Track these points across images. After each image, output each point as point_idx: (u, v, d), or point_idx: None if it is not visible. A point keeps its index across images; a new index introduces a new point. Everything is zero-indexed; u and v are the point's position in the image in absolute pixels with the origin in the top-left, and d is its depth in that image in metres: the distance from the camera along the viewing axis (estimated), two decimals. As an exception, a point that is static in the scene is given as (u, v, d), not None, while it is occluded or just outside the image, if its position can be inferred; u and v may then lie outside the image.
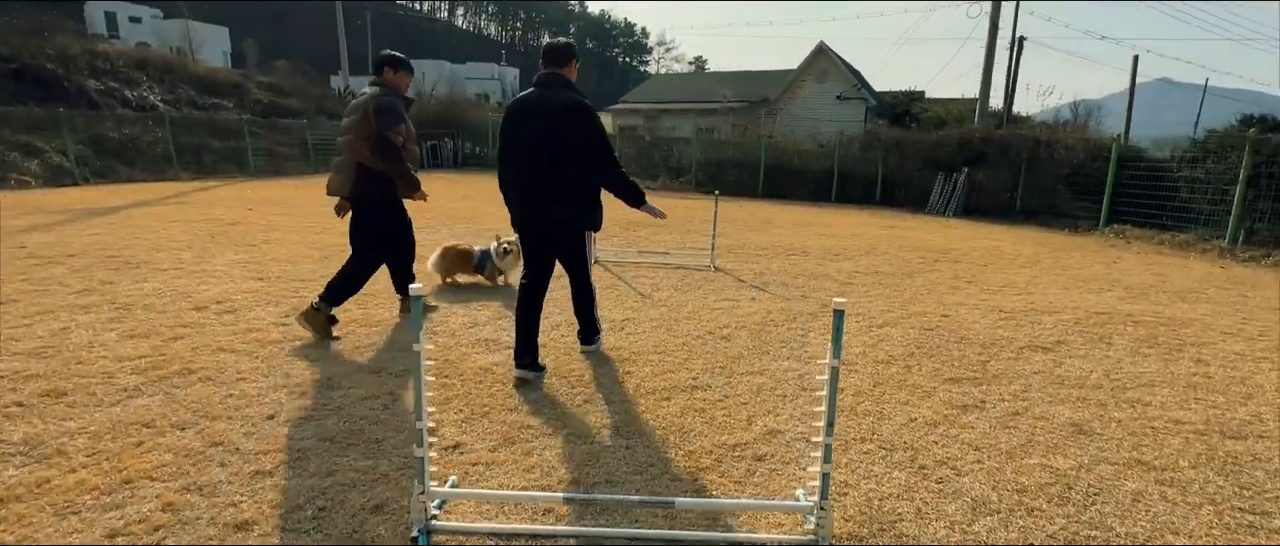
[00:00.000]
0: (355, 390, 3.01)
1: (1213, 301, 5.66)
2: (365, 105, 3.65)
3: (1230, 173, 8.59)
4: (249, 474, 2.25)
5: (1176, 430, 2.90)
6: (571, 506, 2.14)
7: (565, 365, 3.46)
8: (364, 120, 3.63)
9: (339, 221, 4.13)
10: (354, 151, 3.70)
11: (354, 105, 3.78)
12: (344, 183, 3.77)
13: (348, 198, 3.84)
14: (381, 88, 3.75)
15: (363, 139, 3.65)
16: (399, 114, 3.67)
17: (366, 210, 3.86)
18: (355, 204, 3.86)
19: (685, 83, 27.82)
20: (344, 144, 3.78)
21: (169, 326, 3.80)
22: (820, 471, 1.91)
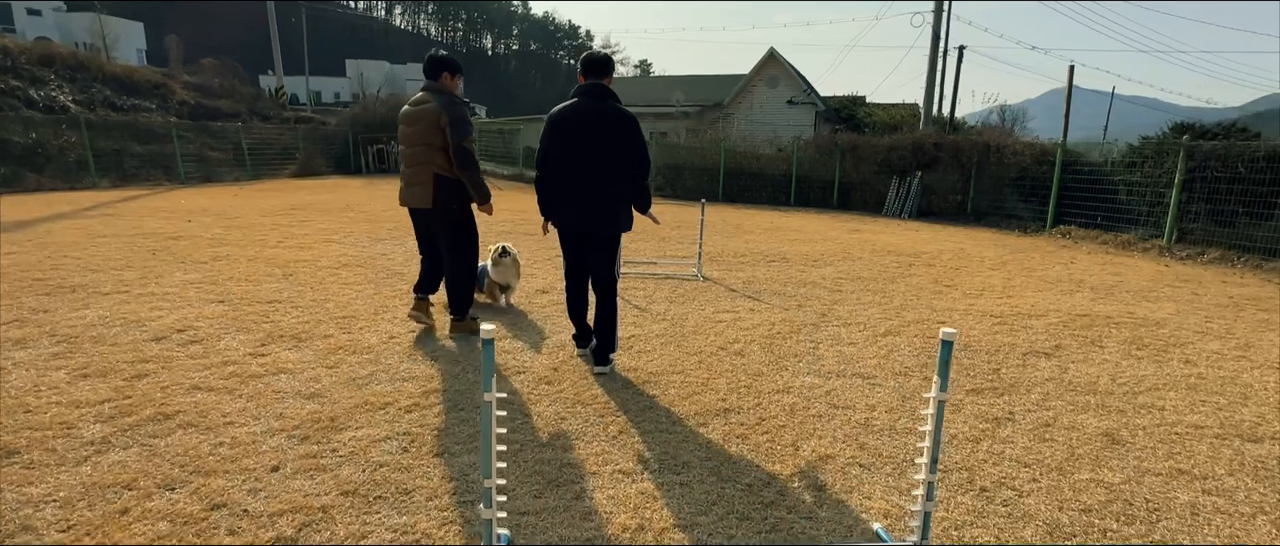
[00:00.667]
0: (365, 430, 2.71)
1: (1172, 300, 5.98)
2: (434, 117, 3.67)
3: (1166, 177, 9.20)
4: (267, 542, 1.96)
5: (1198, 435, 2.98)
6: (643, 557, 1.96)
7: (586, 391, 3.26)
8: (435, 131, 3.67)
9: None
10: (430, 162, 3.73)
11: (415, 114, 3.77)
12: (423, 193, 3.79)
13: (428, 208, 3.83)
14: (441, 94, 3.75)
15: (439, 149, 3.70)
16: (469, 122, 3.75)
17: (450, 218, 3.89)
18: (437, 214, 3.87)
19: (638, 86, 27.77)
20: (415, 155, 3.79)
21: (127, 362, 3.36)
22: (921, 509, 1.81)
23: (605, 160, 3.29)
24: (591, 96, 3.33)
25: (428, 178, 3.74)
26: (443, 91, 3.77)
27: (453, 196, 3.79)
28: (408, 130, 3.81)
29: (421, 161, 3.74)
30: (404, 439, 2.65)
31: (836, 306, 5.26)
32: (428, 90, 3.80)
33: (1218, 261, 8.25)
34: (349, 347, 3.76)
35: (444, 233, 3.91)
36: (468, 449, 2.59)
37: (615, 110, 3.33)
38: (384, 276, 5.71)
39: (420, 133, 3.72)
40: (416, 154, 3.76)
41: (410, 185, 3.84)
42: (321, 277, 5.55)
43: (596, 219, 3.36)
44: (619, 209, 3.40)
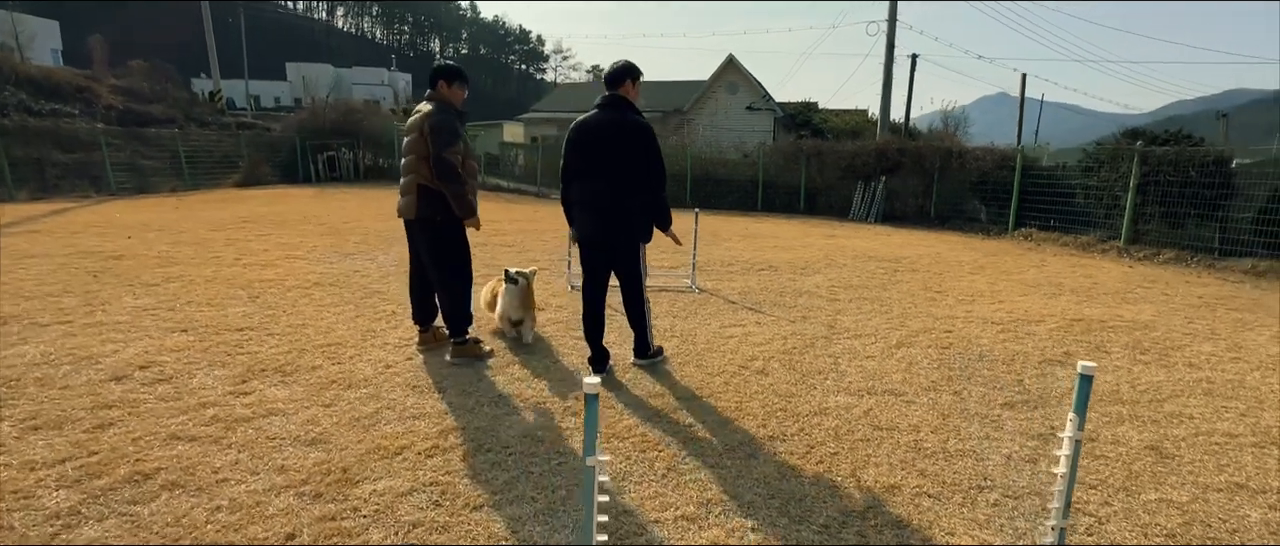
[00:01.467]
0: (385, 482, 2.40)
1: (1148, 302, 6.19)
2: (421, 124, 3.52)
3: (1122, 181, 9.62)
4: (301, 634, 1.65)
5: (1236, 445, 2.98)
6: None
7: (618, 422, 3.02)
8: (421, 139, 3.51)
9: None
10: (417, 172, 3.56)
11: (411, 124, 3.63)
12: (409, 204, 3.62)
13: (414, 220, 3.66)
14: (436, 103, 3.59)
15: (423, 159, 3.52)
16: (455, 131, 3.52)
17: (432, 230, 3.66)
18: (418, 225, 3.67)
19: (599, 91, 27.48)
20: (406, 165, 3.64)
21: (86, 408, 2.92)
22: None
23: (617, 170, 3.36)
24: (608, 108, 3.44)
25: (413, 188, 3.59)
26: (436, 99, 3.61)
27: (437, 208, 3.57)
28: (405, 139, 3.68)
29: (410, 171, 3.61)
30: (433, 490, 2.36)
31: (840, 317, 5.18)
32: (426, 99, 3.65)
33: (1173, 261, 8.65)
34: (343, 381, 3.40)
35: (425, 245, 3.71)
36: (508, 498, 2.32)
37: (629, 121, 3.39)
38: (362, 296, 5.30)
39: (411, 142, 3.59)
40: (407, 164, 3.63)
41: (401, 196, 3.69)
42: (293, 299, 5.10)
43: (610, 229, 3.44)
44: (633, 220, 3.46)
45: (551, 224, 10.84)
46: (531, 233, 9.68)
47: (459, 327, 3.77)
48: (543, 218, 12.05)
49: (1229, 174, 9.15)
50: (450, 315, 3.77)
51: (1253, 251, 8.51)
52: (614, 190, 3.37)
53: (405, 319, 4.61)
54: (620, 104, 3.42)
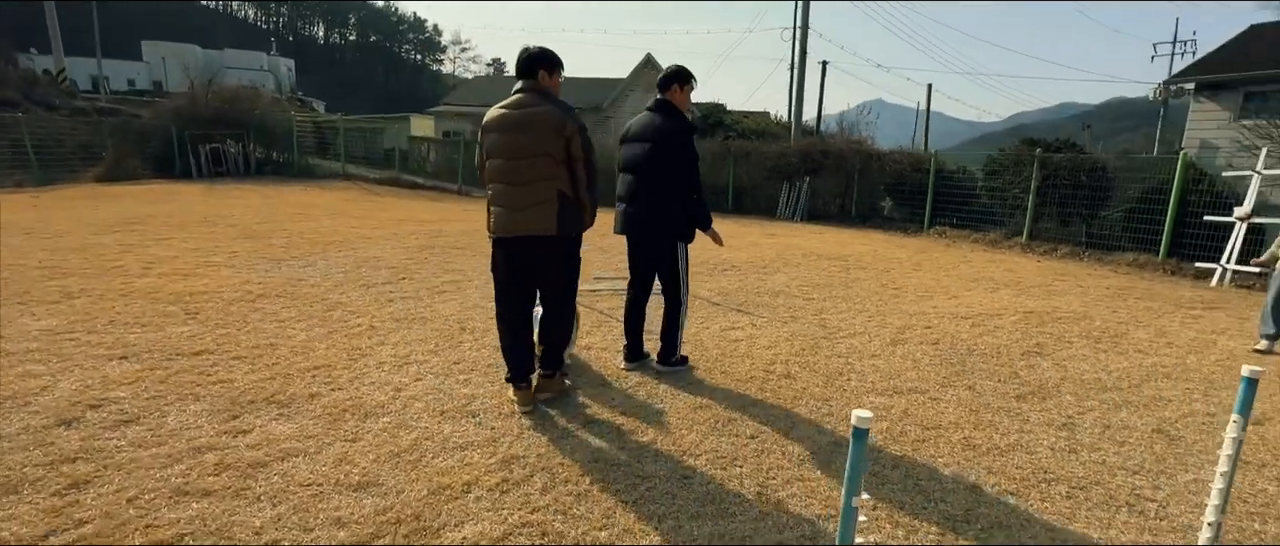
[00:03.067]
0: (469, 526, 2.12)
1: (1071, 293, 6.90)
2: (556, 124, 2.95)
3: (1023, 183, 10.69)
4: None
5: (1218, 423, 3.35)
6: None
7: (682, 438, 2.88)
8: (557, 140, 2.95)
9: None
10: (555, 179, 2.97)
11: (524, 118, 2.96)
12: (543, 216, 2.97)
13: (551, 235, 2.99)
14: (549, 97, 3.03)
15: (563, 163, 2.99)
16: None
17: (570, 250, 3.16)
18: (556, 244, 3.04)
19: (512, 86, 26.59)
20: (531, 170, 2.96)
21: (40, 464, 2.35)
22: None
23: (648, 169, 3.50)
24: (653, 110, 3.63)
25: (551, 196, 2.95)
26: (549, 94, 3.05)
27: (574, 222, 3.07)
28: (513, 138, 2.97)
29: (543, 177, 2.95)
30: (529, 533, 2.11)
31: (826, 316, 5.32)
32: (529, 91, 3.02)
33: (1069, 256, 9.74)
34: (354, 410, 2.99)
35: (559, 266, 3.12)
36: (616, 534, 2.12)
37: (664, 121, 3.54)
38: (323, 309, 4.73)
39: (536, 141, 2.93)
40: (534, 168, 2.95)
41: (522, 207, 2.96)
42: (243, 314, 4.46)
43: (641, 226, 3.58)
44: (662, 218, 3.53)
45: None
46: (478, 234, 9.17)
47: (560, 361, 3.28)
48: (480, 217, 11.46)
49: (1108, 177, 10.45)
50: (559, 348, 3.24)
51: (1121, 245, 9.78)
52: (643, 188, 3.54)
53: (389, 334, 4.18)
54: (665, 107, 3.59)
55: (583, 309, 5.12)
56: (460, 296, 5.33)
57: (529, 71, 3.03)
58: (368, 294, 5.25)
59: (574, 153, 2.98)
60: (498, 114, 3.01)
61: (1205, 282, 7.93)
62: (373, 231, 8.74)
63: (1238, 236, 7.80)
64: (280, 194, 13.56)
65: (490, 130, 3.02)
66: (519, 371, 3.11)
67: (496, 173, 3.01)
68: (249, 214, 9.93)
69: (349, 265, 6.36)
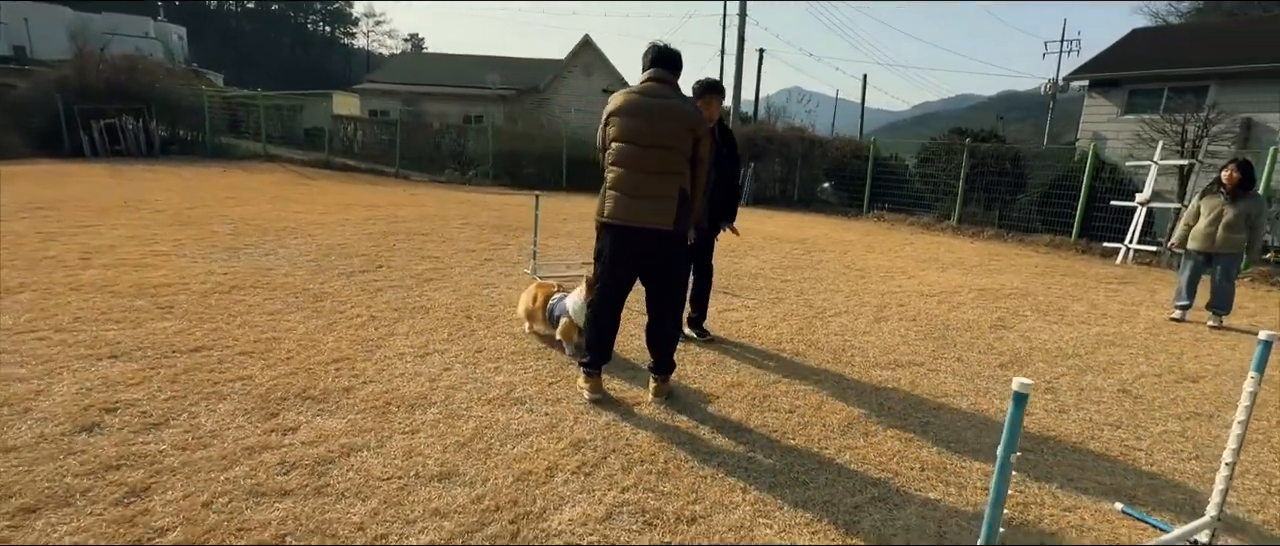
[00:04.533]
0: (569, 509, 2.15)
1: (1008, 271, 7.60)
2: (690, 122, 2.88)
3: (954, 171, 11.56)
4: None
5: (1166, 382, 3.88)
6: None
7: (748, 419, 3.01)
8: (688, 137, 2.87)
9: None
10: (680, 174, 2.89)
11: (662, 109, 2.87)
12: (664, 210, 2.86)
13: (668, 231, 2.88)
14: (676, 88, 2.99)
15: (690, 160, 2.91)
16: None
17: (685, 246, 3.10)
18: (674, 240, 2.95)
19: (446, 65, 25.59)
20: (661, 162, 2.86)
21: (82, 473, 2.16)
22: (1223, 487, 2.08)
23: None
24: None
25: (675, 192, 2.87)
26: (678, 89, 3.03)
27: (688, 221, 2.99)
28: (649, 126, 2.86)
29: (670, 170, 2.86)
30: (630, 511, 2.18)
31: (808, 297, 5.61)
32: (664, 82, 2.95)
33: (994, 237, 10.66)
34: (396, 401, 2.92)
35: (680, 263, 3.10)
36: (711, 508, 2.23)
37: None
38: (309, 300, 4.49)
39: (670, 133, 2.85)
40: (664, 160, 2.86)
41: (645, 198, 2.85)
42: (225, 307, 4.17)
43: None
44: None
45: (463, 210, 10.02)
46: (437, 219, 8.86)
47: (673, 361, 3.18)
48: (443, 203, 11.07)
49: (1025, 166, 11.48)
50: (669, 348, 3.13)
51: (1036, 228, 10.83)
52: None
53: (394, 325, 4.06)
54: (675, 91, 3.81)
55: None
56: (450, 284, 5.20)
57: (671, 64, 2.97)
58: (351, 283, 5.01)
59: (701, 155, 2.93)
60: (632, 98, 2.90)
61: (1112, 260, 8.95)
62: (323, 217, 8.26)
63: (1139, 219, 8.83)
64: (199, 176, 12.47)
65: (623, 114, 2.89)
66: (599, 359, 3.07)
67: (624, 158, 2.87)
68: (173, 198, 9.10)
69: (314, 253, 6.02)
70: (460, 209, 10.25)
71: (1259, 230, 5.34)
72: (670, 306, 3.06)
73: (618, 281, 3.01)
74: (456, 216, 9.28)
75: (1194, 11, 34.45)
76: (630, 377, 3.41)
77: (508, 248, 7.00)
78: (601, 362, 3.08)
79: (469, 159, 16.94)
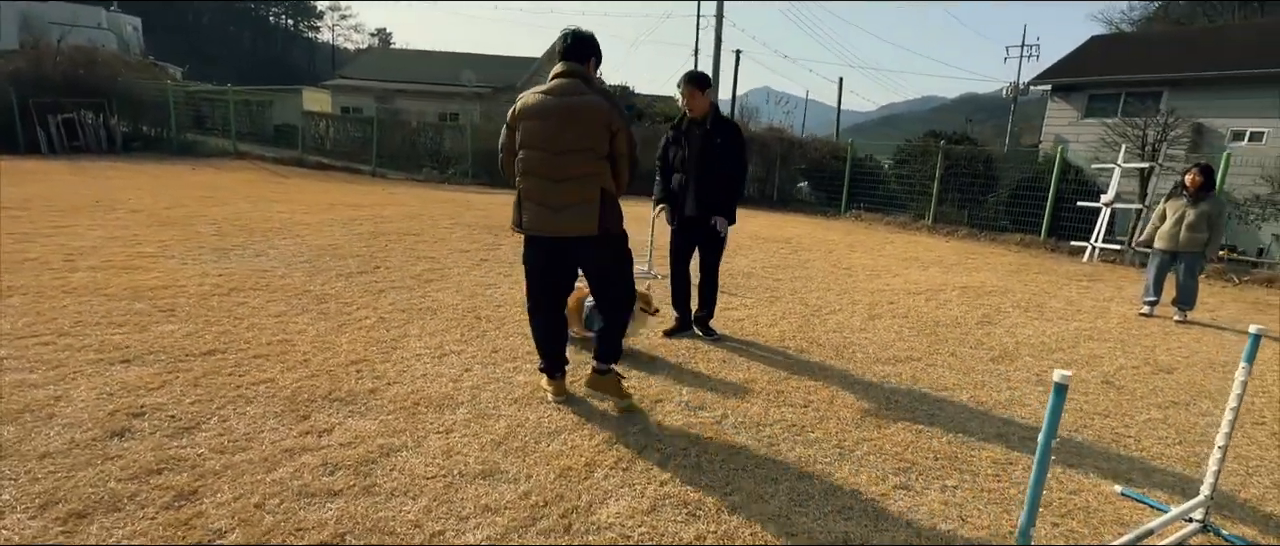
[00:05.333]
0: (614, 503, 2.23)
1: (985, 269, 7.91)
2: (604, 117, 2.71)
3: (929, 172, 11.93)
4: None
5: (1141, 373, 4.14)
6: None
7: (767, 414, 3.12)
8: (603, 134, 2.73)
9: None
10: (598, 175, 2.76)
11: (566, 107, 2.70)
12: (585, 215, 2.74)
13: (593, 235, 2.77)
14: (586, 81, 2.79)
15: (606, 158, 2.78)
16: None
17: (616, 248, 2.92)
18: (601, 242, 2.82)
19: (419, 62, 25.19)
20: (574, 164, 2.72)
21: (125, 478, 2.14)
22: (1216, 467, 2.27)
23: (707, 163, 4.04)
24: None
25: (595, 194, 2.74)
26: (590, 81, 2.81)
27: (617, 219, 2.85)
28: (559, 129, 2.70)
29: (585, 173, 2.72)
30: (673, 503, 2.26)
31: (802, 295, 5.77)
32: (572, 77, 2.76)
33: (967, 236, 11.05)
34: (423, 402, 2.95)
35: (607, 264, 2.93)
36: (751, 498, 2.33)
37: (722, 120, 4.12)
38: (312, 302, 4.46)
39: (583, 135, 2.69)
40: (577, 163, 2.71)
41: (561, 207, 2.73)
42: (228, 309, 4.11)
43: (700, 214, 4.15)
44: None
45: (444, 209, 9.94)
46: (424, 219, 8.79)
47: (616, 355, 3.05)
48: (419, 201, 10.95)
49: (995, 167, 11.92)
50: (616, 344, 3.03)
51: (1006, 227, 11.26)
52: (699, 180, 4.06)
53: (405, 326, 4.07)
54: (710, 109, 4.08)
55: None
56: (452, 285, 5.21)
57: (578, 54, 2.80)
58: (351, 284, 4.98)
59: (619, 150, 2.78)
60: (539, 99, 2.74)
61: (1079, 258, 9.38)
62: (306, 217, 8.12)
63: (1104, 219, 9.28)
64: (169, 174, 12.08)
65: (527, 117, 2.74)
66: (554, 364, 3.06)
67: (532, 165, 2.75)
68: (146, 197, 8.82)
69: (306, 254, 5.94)
70: (445, 209, 10.17)
71: (1219, 230, 5.69)
72: (610, 308, 2.98)
73: (545, 290, 2.96)
74: (443, 216, 9.22)
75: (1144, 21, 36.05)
76: (650, 371, 3.50)
77: (501, 247, 7.00)
78: (556, 366, 3.06)
79: (447, 158, 16.75)
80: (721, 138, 3.98)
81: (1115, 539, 2.19)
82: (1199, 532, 2.32)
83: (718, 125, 4.02)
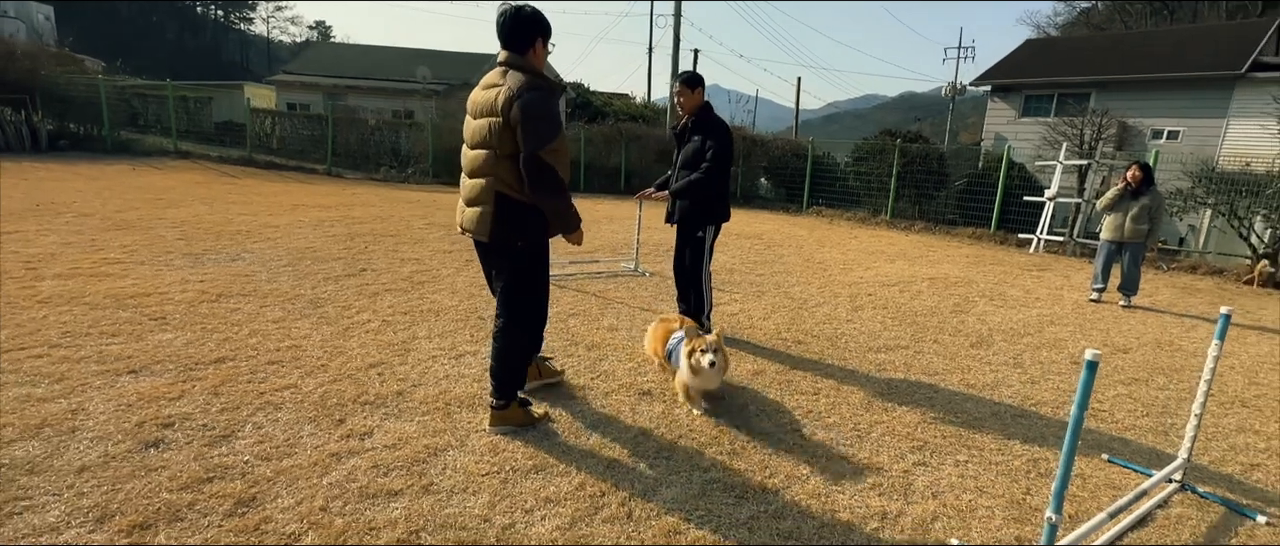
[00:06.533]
0: (666, 489, 2.34)
1: (946, 261, 8.37)
2: (503, 105, 2.39)
3: (887, 169, 12.47)
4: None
5: (1105, 354, 4.53)
6: None
7: (783, 402, 3.28)
8: (504, 128, 2.41)
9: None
10: (493, 174, 2.48)
11: (480, 102, 2.51)
12: (481, 221, 2.53)
13: (485, 242, 2.59)
14: (522, 70, 2.46)
15: (505, 158, 2.45)
16: (557, 120, 2.47)
17: (512, 260, 2.61)
18: (494, 250, 2.62)
19: (371, 57, 24.38)
20: (474, 162, 2.55)
21: (177, 488, 2.11)
22: (1192, 432, 2.56)
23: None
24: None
25: (490, 198, 2.51)
26: (521, 66, 2.49)
27: (519, 229, 2.54)
28: (471, 123, 2.58)
29: (484, 172, 2.52)
30: (720, 485, 2.39)
31: (786, 290, 6.00)
32: (503, 65, 2.52)
33: (923, 230, 11.62)
34: (453, 402, 2.97)
35: (503, 279, 2.67)
36: (793, 478, 2.48)
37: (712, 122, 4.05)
38: (308, 306, 4.37)
39: (481, 129, 2.50)
40: (476, 160, 2.55)
41: (465, 205, 2.62)
42: (222, 315, 3.99)
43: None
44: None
45: (408, 211, 9.74)
46: (396, 220, 8.62)
47: (510, 390, 2.72)
48: (382, 203, 10.69)
49: (947, 165, 12.57)
50: (506, 374, 2.69)
51: (957, 221, 11.91)
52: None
53: (411, 328, 4.07)
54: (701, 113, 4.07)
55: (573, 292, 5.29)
56: (445, 286, 5.18)
57: (506, 40, 2.51)
58: (343, 288, 4.89)
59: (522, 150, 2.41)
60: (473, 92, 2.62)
61: (1026, 249, 10.03)
62: (274, 220, 7.84)
63: (1048, 213, 9.95)
64: (107, 176, 11.37)
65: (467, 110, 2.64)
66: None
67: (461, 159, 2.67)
68: (92, 200, 8.31)
69: (285, 258, 5.77)
70: (413, 209, 9.99)
71: (1158, 221, 6.24)
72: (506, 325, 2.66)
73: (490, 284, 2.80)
74: (414, 217, 9.06)
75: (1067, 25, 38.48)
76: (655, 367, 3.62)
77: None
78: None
79: (407, 156, 16.36)
80: (696, 137, 3.97)
81: (1112, 502, 2.45)
82: (1179, 491, 2.61)
83: (697, 125, 3.99)
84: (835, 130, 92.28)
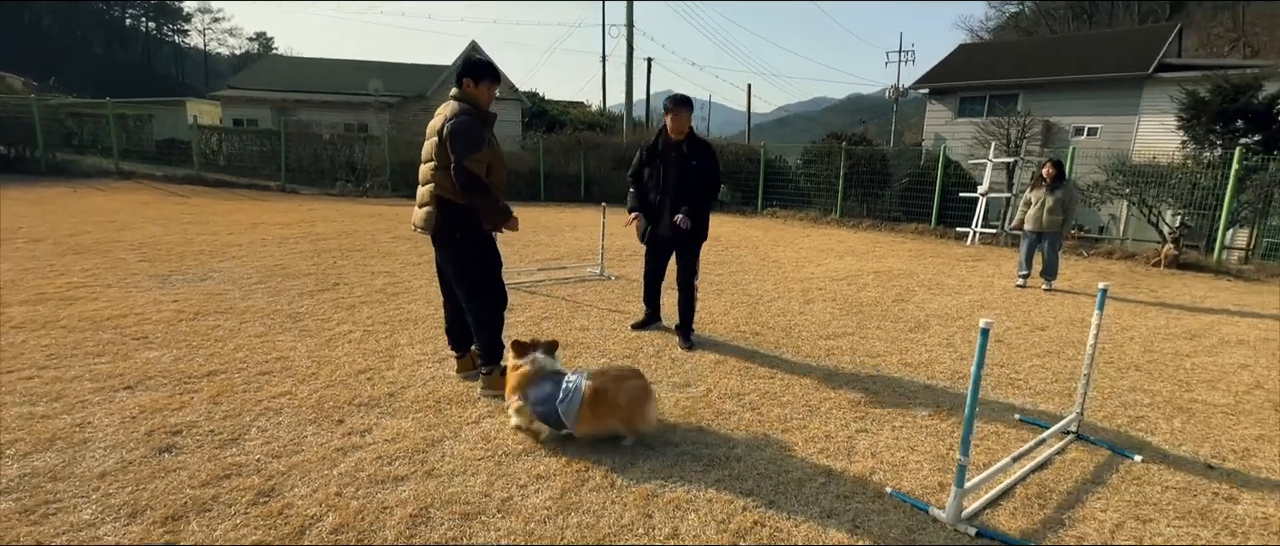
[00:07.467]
0: (677, 484, 2.66)
1: (891, 256, 8.97)
2: (440, 126, 3.15)
3: (834, 171, 13.13)
4: None
5: (1025, 332, 5.07)
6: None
7: (744, 385, 3.63)
8: (440, 146, 3.14)
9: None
10: (434, 182, 3.19)
11: (430, 127, 3.26)
12: (427, 219, 3.24)
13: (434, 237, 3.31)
14: (459, 103, 3.21)
15: (442, 168, 3.15)
16: (479, 136, 3.12)
17: (454, 249, 3.29)
18: (438, 242, 3.34)
19: (321, 70, 23.95)
20: (423, 173, 3.29)
21: (200, 483, 2.31)
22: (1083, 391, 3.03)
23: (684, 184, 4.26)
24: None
25: (431, 199, 3.21)
26: (461, 99, 3.20)
27: (455, 223, 3.20)
28: (425, 142, 3.30)
29: (430, 180, 3.22)
30: (706, 458, 2.72)
31: (743, 287, 6.41)
32: (451, 98, 3.24)
33: (871, 228, 12.29)
34: (444, 400, 3.22)
35: (448, 265, 3.36)
36: (784, 449, 2.83)
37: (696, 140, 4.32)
38: (288, 320, 4.52)
39: (429, 147, 3.23)
40: (426, 172, 3.25)
41: (418, 207, 3.31)
42: (205, 332, 4.11)
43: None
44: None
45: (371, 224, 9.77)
46: (361, 235, 8.68)
47: (491, 355, 3.35)
48: (340, 218, 10.68)
49: (890, 165, 13.32)
50: (484, 345, 3.36)
51: (900, 217, 12.66)
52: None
53: (392, 336, 4.27)
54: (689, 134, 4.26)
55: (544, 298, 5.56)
56: (420, 297, 5.37)
57: (460, 78, 3.25)
58: (319, 302, 5.04)
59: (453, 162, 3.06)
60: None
61: (963, 242, 10.77)
62: (235, 238, 7.83)
63: (981, 208, 10.71)
64: (46, 199, 10.99)
65: None
66: (454, 343, 3.60)
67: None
68: (39, 224, 8.11)
69: (254, 276, 5.86)
70: (376, 223, 10.04)
71: (1072, 212, 6.93)
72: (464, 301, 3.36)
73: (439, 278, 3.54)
74: (378, 231, 9.14)
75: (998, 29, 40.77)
76: (634, 361, 3.93)
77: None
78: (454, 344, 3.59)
79: (363, 171, 16.23)
80: (697, 161, 4.13)
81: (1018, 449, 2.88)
82: (1074, 441, 3.08)
83: (694, 148, 4.16)
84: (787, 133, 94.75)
